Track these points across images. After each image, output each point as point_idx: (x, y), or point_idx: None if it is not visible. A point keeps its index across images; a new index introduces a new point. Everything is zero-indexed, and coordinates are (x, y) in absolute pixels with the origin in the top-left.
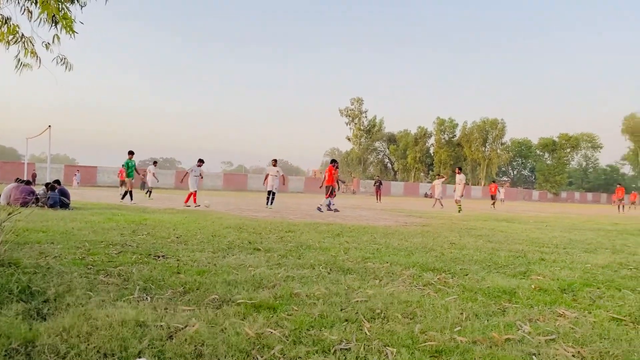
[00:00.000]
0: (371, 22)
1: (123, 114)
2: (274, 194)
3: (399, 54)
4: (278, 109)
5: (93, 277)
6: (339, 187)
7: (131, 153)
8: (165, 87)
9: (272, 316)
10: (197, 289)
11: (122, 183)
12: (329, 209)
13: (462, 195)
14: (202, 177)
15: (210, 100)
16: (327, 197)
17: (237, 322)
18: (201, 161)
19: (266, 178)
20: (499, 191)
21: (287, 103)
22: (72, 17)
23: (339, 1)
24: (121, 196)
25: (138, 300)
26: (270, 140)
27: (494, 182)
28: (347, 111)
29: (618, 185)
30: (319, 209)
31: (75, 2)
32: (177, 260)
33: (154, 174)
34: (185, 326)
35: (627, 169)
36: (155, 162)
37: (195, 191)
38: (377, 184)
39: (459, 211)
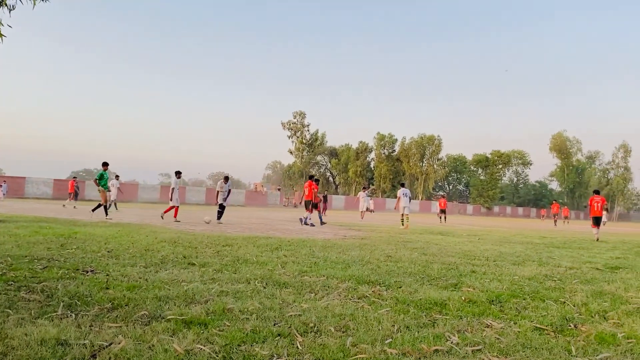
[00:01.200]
0: (313, 38)
1: (55, 122)
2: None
3: (341, 69)
4: (218, 121)
5: (13, 293)
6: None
7: (105, 164)
8: (99, 97)
9: (203, 332)
10: (126, 305)
11: (72, 195)
12: (305, 224)
13: (404, 208)
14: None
15: (147, 111)
16: (308, 212)
17: (166, 338)
18: (179, 172)
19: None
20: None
21: (228, 115)
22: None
23: (281, 16)
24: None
25: (61, 318)
26: (210, 152)
27: (443, 197)
28: (290, 124)
29: (554, 202)
30: (303, 221)
31: (4, 5)
32: (107, 275)
33: (118, 188)
34: (111, 344)
35: (554, 185)
36: (117, 176)
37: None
38: (323, 198)
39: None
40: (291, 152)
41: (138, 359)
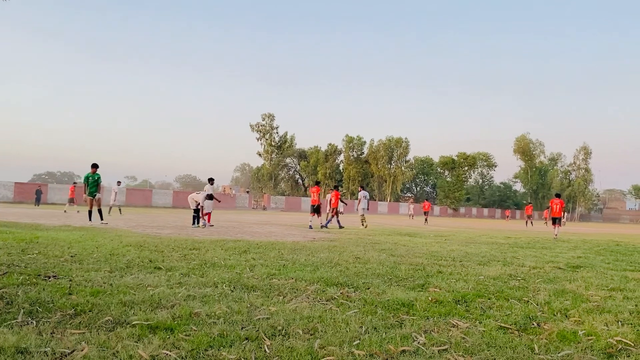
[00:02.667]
0: (282, 42)
1: (14, 125)
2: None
3: (309, 72)
4: (186, 123)
5: None
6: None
7: (95, 166)
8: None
9: (169, 337)
10: (89, 311)
11: (72, 200)
12: (325, 227)
13: (364, 210)
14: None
15: (111, 112)
16: (333, 216)
17: (130, 344)
18: (212, 180)
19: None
20: (409, 208)
21: (196, 117)
22: None
23: (250, 21)
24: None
25: (21, 325)
26: (177, 155)
27: (427, 200)
28: (258, 126)
29: (529, 204)
30: (324, 226)
31: None
32: (70, 280)
33: (116, 193)
34: (73, 351)
35: (518, 186)
36: (119, 182)
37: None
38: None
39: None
40: (260, 155)
41: None
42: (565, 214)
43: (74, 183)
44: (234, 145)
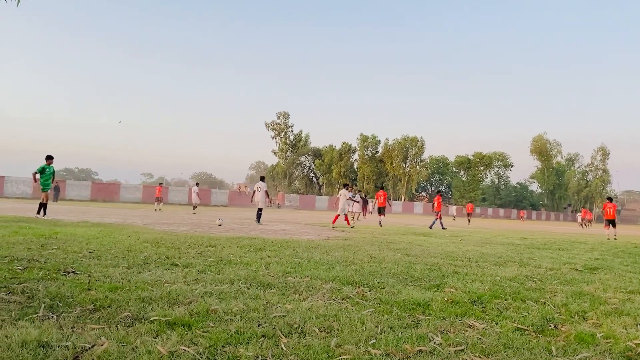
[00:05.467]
0: (297, 39)
1: (34, 122)
2: (260, 210)
3: (325, 71)
4: (202, 121)
5: None
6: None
7: (50, 158)
8: (79, 96)
9: (187, 333)
10: (108, 306)
11: (159, 200)
12: (443, 227)
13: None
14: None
15: (129, 111)
16: (382, 216)
17: (149, 340)
18: (346, 185)
19: (254, 194)
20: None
21: (212, 115)
22: None
23: (265, 19)
24: (37, 211)
25: (43, 319)
26: (193, 153)
27: (470, 202)
28: (273, 125)
29: (584, 208)
30: (443, 227)
31: None
32: (89, 276)
33: (197, 193)
34: (93, 345)
35: (534, 187)
36: (197, 184)
37: (346, 214)
38: (364, 202)
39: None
40: (275, 153)
41: None
42: (617, 215)
43: (160, 184)
44: (249, 143)
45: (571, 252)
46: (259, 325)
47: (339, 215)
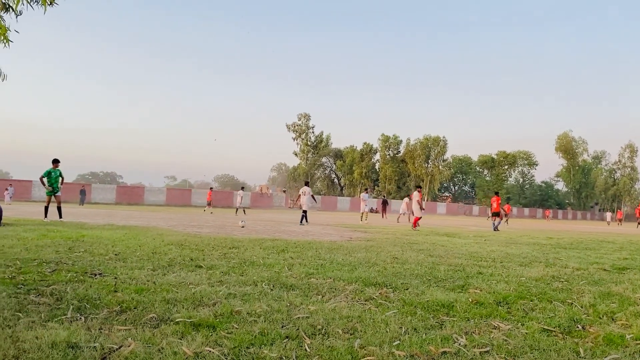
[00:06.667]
0: (317, 41)
1: (60, 127)
2: (304, 212)
3: (345, 72)
4: (224, 123)
5: (23, 297)
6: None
7: (56, 162)
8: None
9: (212, 334)
10: (134, 308)
11: (209, 203)
12: (496, 229)
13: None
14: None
15: (153, 114)
16: (496, 219)
17: (175, 341)
18: (419, 187)
19: (299, 198)
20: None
21: (234, 117)
22: (7, 27)
23: (284, 19)
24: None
25: (71, 321)
26: (215, 155)
27: (508, 202)
28: (294, 126)
29: (619, 210)
30: (496, 229)
31: (10, 11)
32: (115, 278)
33: (242, 197)
34: (120, 346)
35: (560, 185)
36: (242, 187)
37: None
38: (383, 202)
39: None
40: (296, 154)
41: None
42: (610, 214)
43: (211, 188)
44: (271, 145)
45: (599, 251)
46: (282, 327)
47: (418, 217)
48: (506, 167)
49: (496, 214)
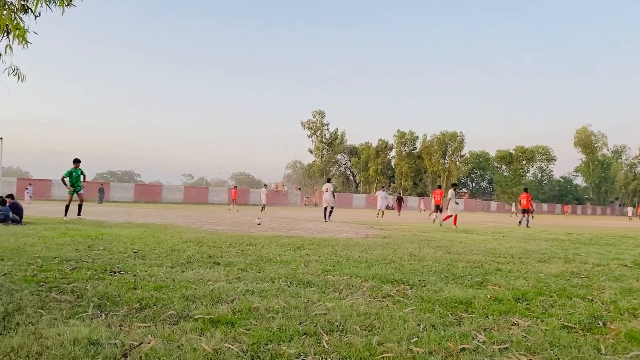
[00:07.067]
0: (330, 37)
1: (78, 126)
2: (331, 208)
3: (360, 68)
4: (239, 121)
5: (45, 294)
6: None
7: (77, 161)
8: (121, 101)
9: (230, 331)
10: (153, 305)
11: (234, 201)
12: (527, 225)
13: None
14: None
15: (169, 113)
16: (529, 215)
17: (194, 337)
18: (455, 185)
19: (322, 195)
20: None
21: (249, 115)
22: (25, 27)
23: (298, 17)
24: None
25: (92, 318)
26: (231, 153)
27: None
28: (309, 124)
29: None
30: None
31: (29, 12)
32: (134, 275)
33: (265, 195)
34: (141, 343)
35: (579, 180)
36: (265, 185)
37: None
38: (398, 199)
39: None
40: (311, 152)
41: (168, 358)
42: (631, 209)
43: (235, 186)
44: (286, 142)
45: (619, 247)
46: (300, 323)
47: (450, 215)
48: (524, 162)
49: (526, 211)
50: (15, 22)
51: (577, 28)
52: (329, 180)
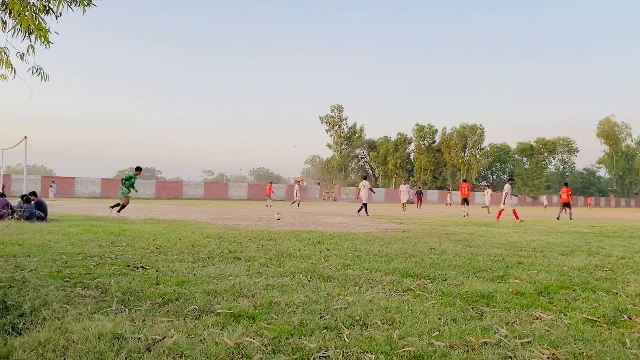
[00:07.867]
0: (350, 30)
1: (100, 124)
2: (365, 204)
3: (378, 61)
4: (259, 117)
5: (70, 290)
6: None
7: (139, 169)
8: (143, 98)
9: (252, 325)
10: (176, 300)
11: (269, 197)
12: (570, 218)
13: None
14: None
15: (190, 110)
16: (569, 209)
17: (216, 332)
18: (512, 180)
19: (359, 192)
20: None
21: (268, 111)
22: (47, 28)
23: (318, 10)
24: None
25: (116, 313)
26: (251, 149)
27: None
28: (327, 118)
29: None
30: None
31: (51, 12)
32: (157, 271)
33: (297, 190)
34: (164, 337)
35: (602, 172)
36: (298, 182)
37: (514, 209)
38: (418, 193)
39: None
40: (329, 146)
41: (190, 352)
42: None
43: (270, 182)
44: (305, 137)
45: None
46: (321, 317)
47: (502, 210)
48: (545, 154)
49: (566, 205)
50: (37, 22)
51: (599, 16)
52: (365, 178)
